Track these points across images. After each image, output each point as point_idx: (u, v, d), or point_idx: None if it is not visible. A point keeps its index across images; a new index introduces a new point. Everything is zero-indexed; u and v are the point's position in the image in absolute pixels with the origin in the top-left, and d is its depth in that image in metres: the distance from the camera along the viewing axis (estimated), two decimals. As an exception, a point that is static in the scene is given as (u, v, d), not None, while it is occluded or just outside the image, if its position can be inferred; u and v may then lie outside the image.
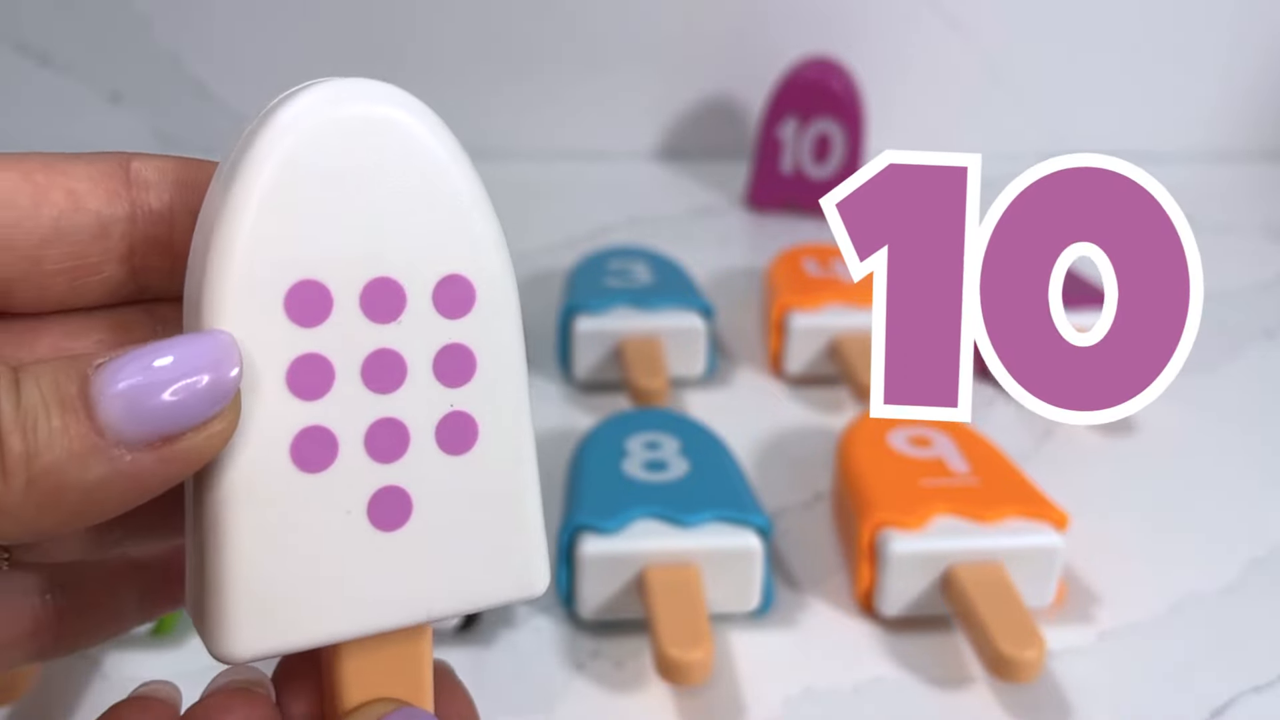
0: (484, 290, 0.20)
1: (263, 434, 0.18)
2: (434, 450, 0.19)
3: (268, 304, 0.17)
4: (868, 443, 0.38)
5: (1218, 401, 0.48)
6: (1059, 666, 0.34)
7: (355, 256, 0.18)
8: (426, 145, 0.18)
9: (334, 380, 0.18)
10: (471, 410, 0.19)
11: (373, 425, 0.18)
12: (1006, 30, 0.73)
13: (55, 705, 0.32)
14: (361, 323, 0.18)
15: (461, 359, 0.19)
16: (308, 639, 0.18)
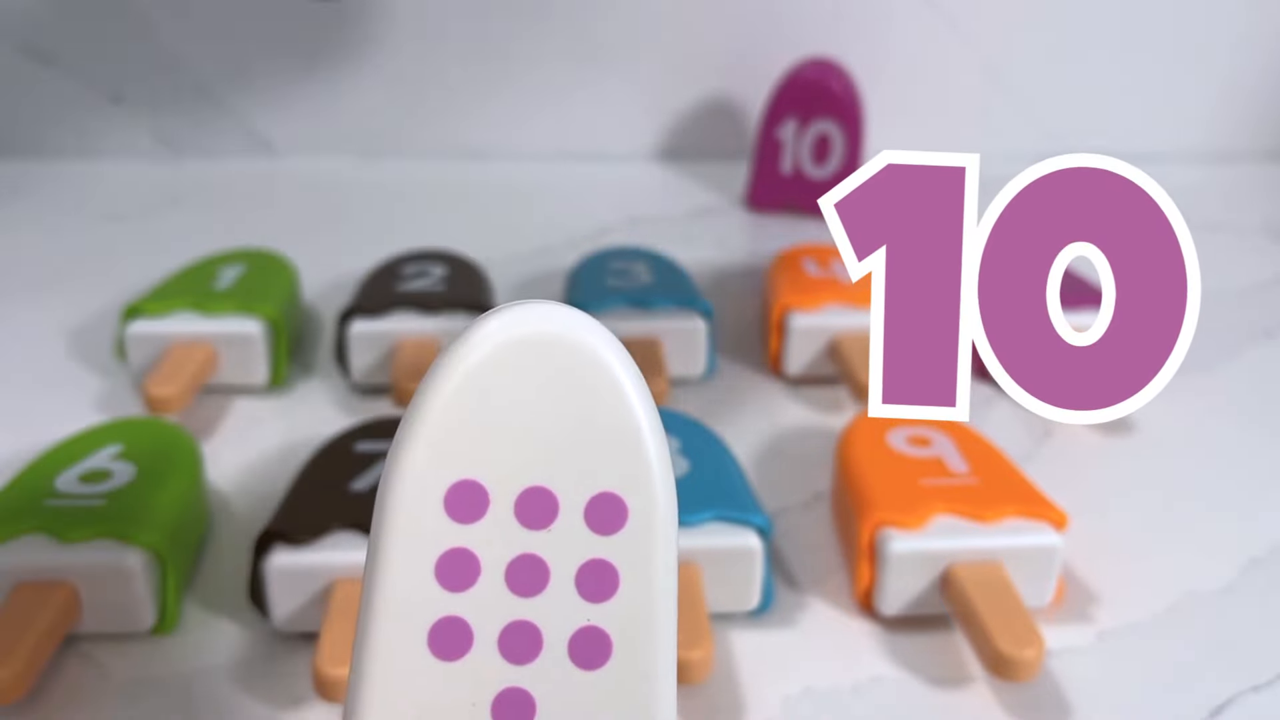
0: (638, 512, 0.20)
1: (407, 614, 0.19)
2: (565, 660, 0.19)
3: (430, 496, 0.19)
4: (867, 442, 0.39)
5: (1217, 401, 0.48)
6: (1058, 666, 0.34)
7: (517, 464, 0.19)
8: (603, 369, 0.20)
9: (479, 576, 0.19)
10: (608, 628, 0.19)
11: (508, 626, 0.19)
12: (1005, 31, 0.73)
13: (54, 705, 0.32)
14: (513, 526, 0.19)
15: (605, 576, 0.20)
16: None
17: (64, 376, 0.49)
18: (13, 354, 0.51)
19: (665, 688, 0.20)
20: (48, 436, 0.40)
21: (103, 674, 0.33)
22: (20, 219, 0.66)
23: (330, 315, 0.53)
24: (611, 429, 0.20)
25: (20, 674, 0.30)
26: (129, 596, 0.33)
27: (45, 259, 0.60)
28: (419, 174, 0.72)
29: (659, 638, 0.20)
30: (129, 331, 0.46)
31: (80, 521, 0.34)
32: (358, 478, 0.36)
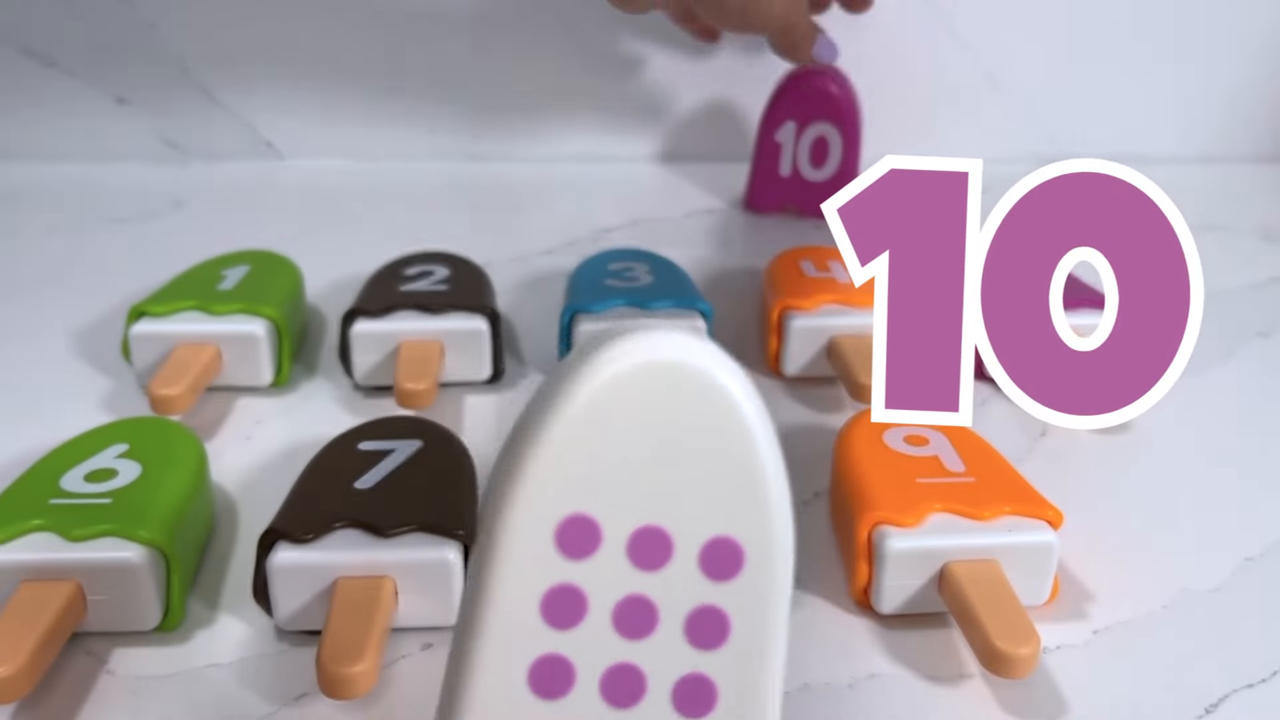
0: (755, 558, 0.19)
1: (509, 648, 0.18)
2: (668, 707, 0.19)
3: (540, 529, 0.18)
4: (865, 442, 0.39)
5: (1212, 401, 0.48)
6: (1054, 663, 0.34)
7: (633, 501, 0.18)
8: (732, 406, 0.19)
9: (585, 615, 0.18)
10: (715, 677, 0.19)
11: (612, 668, 0.19)
12: (1005, 34, 0.73)
13: (60, 703, 0.32)
14: (625, 565, 0.18)
15: (716, 623, 0.19)
16: None
17: (70, 376, 0.49)
18: (19, 354, 0.51)
19: None
20: (54, 435, 0.40)
21: (108, 671, 0.33)
22: (25, 221, 0.66)
23: (333, 316, 0.53)
24: (734, 469, 0.19)
25: (26, 671, 0.30)
26: (134, 594, 0.34)
27: (51, 260, 0.61)
28: (421, 176, 0.72)
29: (767, 691, 0.19)
30: (134, 332, 0.46)
31: (86, 520, 0.34)
32: (361, 477, 0.36)
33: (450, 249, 0.54)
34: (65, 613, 0.32)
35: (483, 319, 0.47)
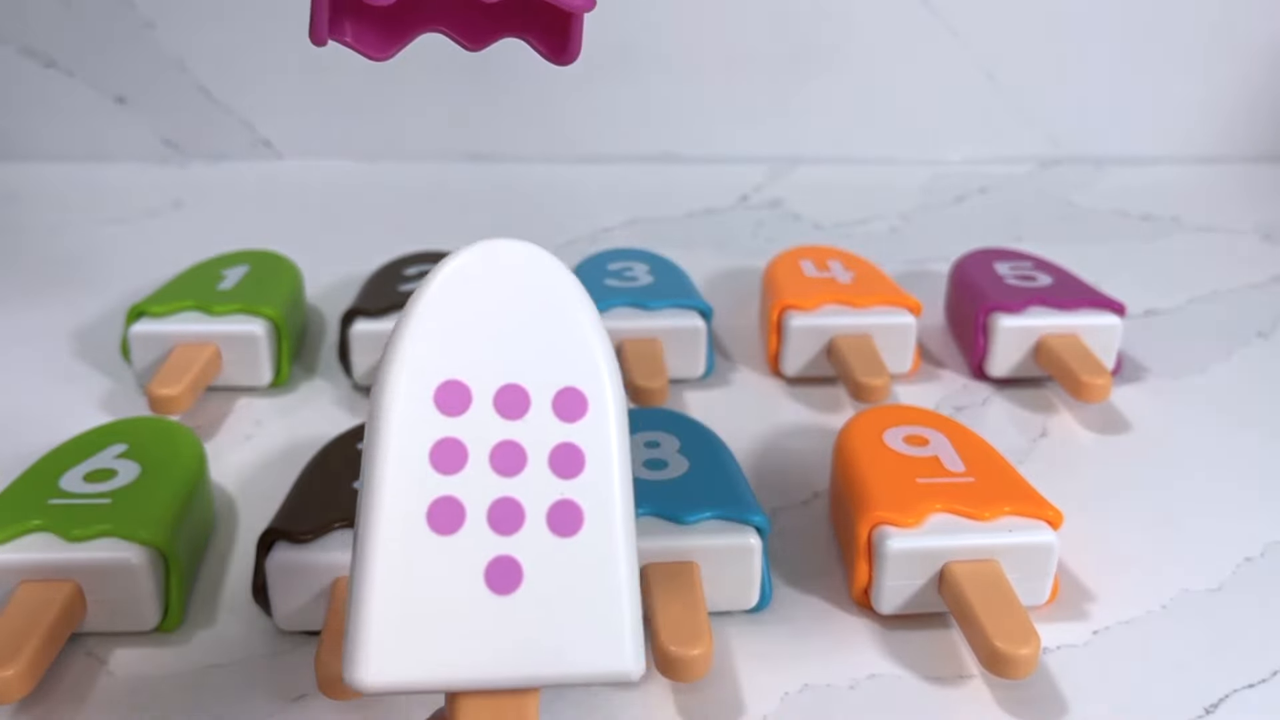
0: (595, 402, 0.23)
1: (407, 498, 0.21)
2: (545, 530, 0.22)
3: (422, 395, 0.22)
4: (865, 441, 0.39)
5: (1211, 401, 0.48)
6: (1054, 663, 0.34)
7: (494, 366, 0.23)
8: (559, 284, 0.23)
9: (467, 461, 0.22)
10: (579, 500, 0.22)
11: (495, 502, 0.22)
12: (1004, 34, 0.73)
13: (60, 703, 0.32)
14: (493, 418, 0.22)
15: (573, 456, 0.23)
16: (427, 681, 0.21)
17: (69, 376, 0.49)
18: (18, 354, 0.51)
19: (628, 550, 0.22)
20: (53, 436, 0.40)
21: (107, 672, 0.33)
22: (25, 221, 0.66)
23: (333, 316, 0.53)
24: (567, 332, 0.23)
25: (25, 672, 0.30)
26: (133, 595, 0.34)
27: (50, 261, 0.61)
28: (421, 176, 0.72)
29: (620, 507, 0.23)
30: (133, 332, 0.46)
31: (85, 520, 0.34)
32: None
33: (450, 249, 0.53)
34: (65, 613, 0.32)
35: (482, 319, 0.47)
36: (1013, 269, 0.51)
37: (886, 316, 0.48)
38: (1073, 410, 0.47)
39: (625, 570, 0.22)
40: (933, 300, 0.54)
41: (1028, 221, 0.67)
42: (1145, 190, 0.71)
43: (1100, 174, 0.74)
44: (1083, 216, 0.68)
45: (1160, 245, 0.64)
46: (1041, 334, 0.47)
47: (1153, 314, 0.56)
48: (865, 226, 0.66)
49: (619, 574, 0.22)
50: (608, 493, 0.22)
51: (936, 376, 0.50)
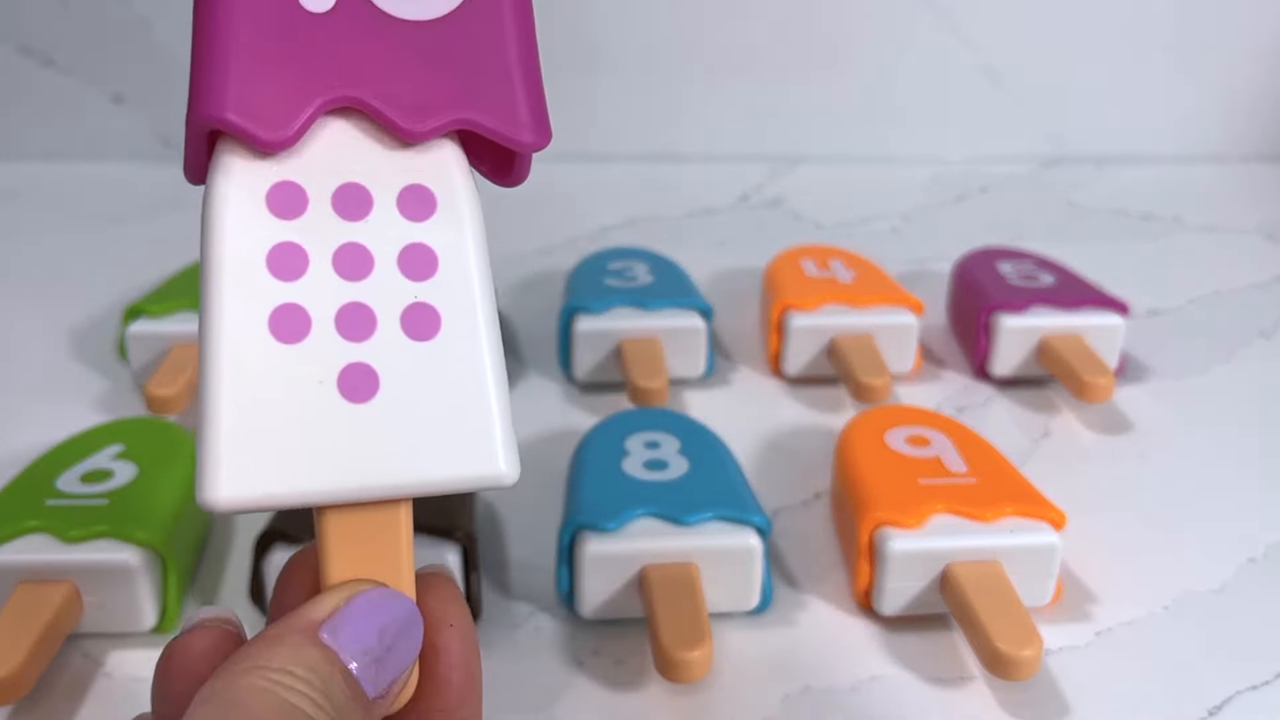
0: (445, 200, 0.22)
1: (246, 307, 0.20)
2: (399, 335, 0.21)
3: (254, 198, 0.21)
4: (866, 442, 0.39)
5: (1214, 402, 0.48)
6: (1056, 664, 0.34)
7: (329, 165, 0.21)
8: None
9: (307, 266, 0.21)
10: (434, 302, 0.21)
11: (342, 307, 0.21)
12: (1004, 33, 0.73)
13: (57, 704, 0.32)
14: (333, 219, 0.21)
15: (424, 257, 0.21)
16: (283, 496, 0.20)
17: (66, 377, 0.49)
18: (15, 354, 0.51)
19: (493, 353, 0.21)
20: (49, 436, 0.40)
21: (104, 673, 0.33)
22: (21, 220, 0.66)
23: (331, 315, 0.53)
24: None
25: (22, 673, 0.30)
26: (130, 595, 0.33)
27: (47, 260, 0.61)
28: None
29: (481, 309, 0.21)
30: (130, 332, 0.46)
31: (82, 521, 0.34)
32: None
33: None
34: (61, 614, 0.32)
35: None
36: (1015, 268, 0.51)
37: (888, 316, 0.48)
38: (1075, 410, 0.47)
39: (491, 373, 0.21)
40: (934, 300, 0.54)
41: (1029, 221, 0.67)
42: (1147, 190, 0.71)
43: (1101, 173, 0.74)
44: (1084, 216, 0.68)
45: (1162, 245, 0.64)
46: (1044, 334, 0.47)
47: (1155, 314, 0.55)
48: (866, 226, 0.66)
49: (484, 377, 0.21)
50: (465, 294, 0.21)
51: (938, 376, 0.50)
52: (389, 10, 0.21)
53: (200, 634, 0.21)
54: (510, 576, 0.37)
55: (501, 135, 0.21)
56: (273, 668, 0.19)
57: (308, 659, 0.19)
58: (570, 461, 0.39)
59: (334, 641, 0.20)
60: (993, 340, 0.48)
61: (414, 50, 0.21)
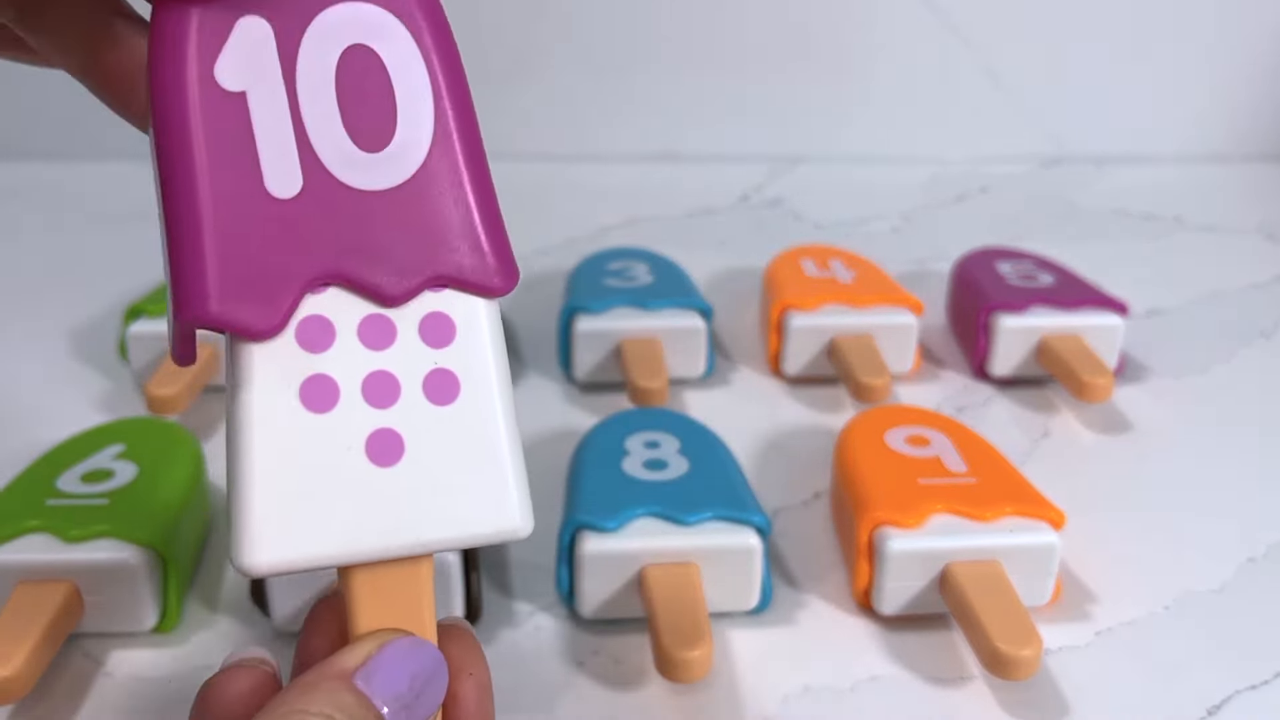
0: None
1: (277, 379, 0.21)
2: (422, 400, 0.22)
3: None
4: (866, 442, 0.39)
5: (1214, 402, 0.48)
6: (1056, 664, 0.34)
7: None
8: None
9: (335, 338, 0.21)
10: (453, 368, 0.22)
11: (368, 376, 0.22)
12: (1005, 32, 0.73)
13: (57, 704, 0.32)
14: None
15: (444, 326, 0.22)
16: (315, 558, 0.21)
17: (66, 377, 0.49)
18: (16, 354, 0.51)
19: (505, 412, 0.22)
20: (50, 436, 0.40)
21: (105, 672, 0.33)
22: (22, 221, 0.66)
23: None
24: None
25: (23, 673, 0.30)
26: (131, 595, 0.33)
27: (47, 260, 0.61)
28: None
29: (495, 371, 0.22)
30: (131, 332, 0.46)
31: (82, 521, 0.34)
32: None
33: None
34: (62, 614, 0.32)
35: (482, 318, 0.47)
36: (1015, 268, 0.51)
37: (888, 316, 0.48)
38: (1075, 410, 0.47)
39: (505, 432, 0.22)
40: (934, 300, 0.54)
41: (1029, 221, 0.67)
42: (1147, 190, 0.71)
43: (1102, 173, 0.74)
44: (1084, 216, 0.68)
45: (1162, 245, 0.64)
46: (1043, 334, 0.47)
47: (1155, 314, 0.55)
48: (866, 226, 0.66)
49: (499, 436, 0.22)
50: (481, 358, 0.22)
51: (938, 376, 0.50)
52: (355, 185, 0.21)
53: (237, 674, 0.22)
54: (510, 576, 0.37)
55: (474, 285, 0.22)
56: (311, 712, 0.20)
57: (344, 704, 0.20)
58: (570, 461, 0.39)
59: (368, 688, 0.21)
60: (992, 340, 0.48)
61: (384, 218, 0.22)
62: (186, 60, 0.21)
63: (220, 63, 0.21)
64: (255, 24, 0.21)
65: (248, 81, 0.21)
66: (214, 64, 0.21)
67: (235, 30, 0.21)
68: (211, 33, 0.21)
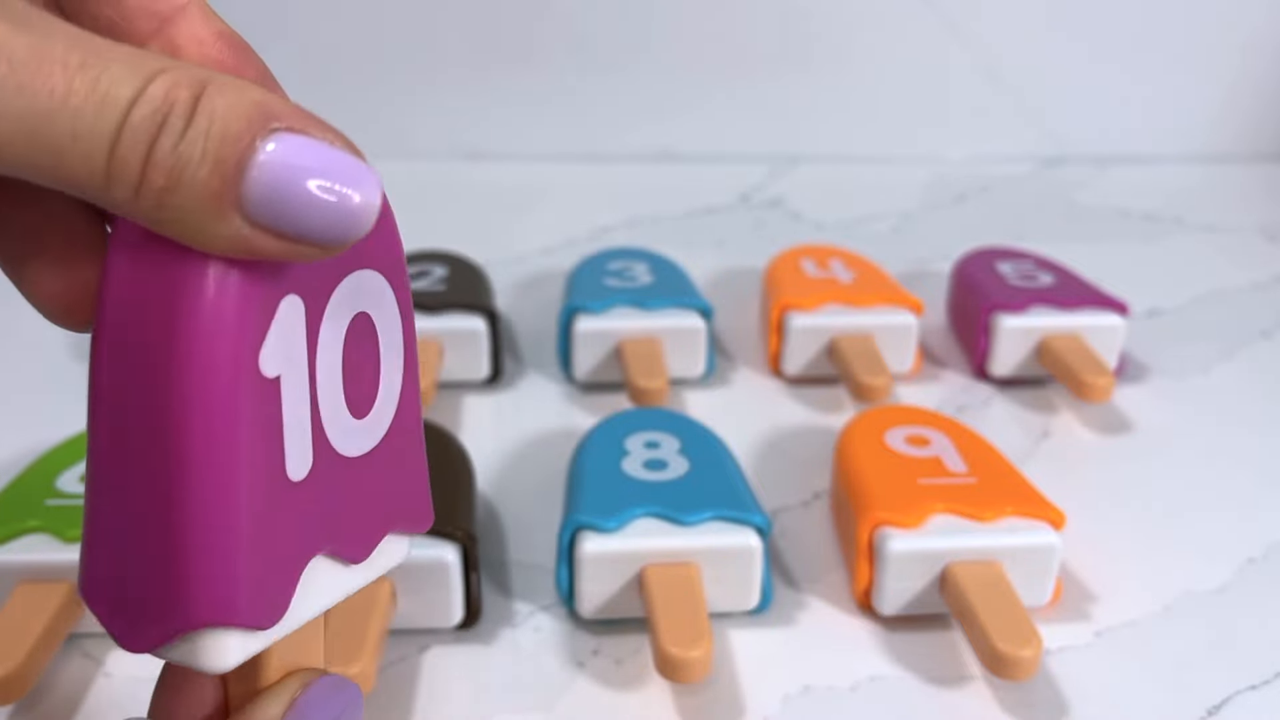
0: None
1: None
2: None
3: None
4: (866, 442, 0.39)
5: (1214, 402, 0.48)
6: (1056, 664, 0.34)
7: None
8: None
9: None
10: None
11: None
12: (1005, 32, 0.73)
13: (57, 704, 0.32)
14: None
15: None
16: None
17: (66, 376, 0.49)
18: (15, 354, 0.51)
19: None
20: (49, 436, 0.40)
21: (104, 673, 0.33)
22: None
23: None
24: None
25: (22, 673, 0.30)
26: (131, 595, 0.33)
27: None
28: (419, 174, 0.72)
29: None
30: (131, 332, 0.46)
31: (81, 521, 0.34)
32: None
33: (449, 248, 0.53)
34: (61, 614, 0.32)
35: (481, 319, 0.47)
36: (1015, 268, 0.51)
37: (888, 316, 0.48)
38: (1075, 410, 0.47)
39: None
40: (934, 300, 0.54)
41: (1029, 221, 0.67)
42: (1147, 190, 0.71)
43: (1102, 173, 0.74)
44: (1085, 216, 0.68)
45: (1162, 245, 0.64)
46: (1044, 334, 0.47)
47: (1155, 314, 0.55)
48: (866, 226, 0.66)
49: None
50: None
51: (938, 376, 0.50)
52: (347, 454, 0.20)
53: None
54: (510, 576, 0.37)
55: (410, 533, 0.23)
56: None
57: None
58: (570, 461, 0.39)
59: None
60: (992, 340, 0.48)
61: (361, 482, 0.21)
62: (227, 348, 0.17)
63: (266, 350, 0.18)
64: (294, 304, 0.19)
65: (282, 366, 0.18)
66: (259, 349, 0.18)
67: (280, 310, 0.18)
68: (258, 318, 0.18)
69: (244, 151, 0.16)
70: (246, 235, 0.16)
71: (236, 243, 0.16)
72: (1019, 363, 0.48)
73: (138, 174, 0.16)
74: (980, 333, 0.48)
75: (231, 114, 0.16)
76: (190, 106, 0.16)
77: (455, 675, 0.33)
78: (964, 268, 0.52)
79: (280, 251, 0.17)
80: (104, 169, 0.16)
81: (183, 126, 0.16)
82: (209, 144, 0.16)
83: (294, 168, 0.16)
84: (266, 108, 0.16)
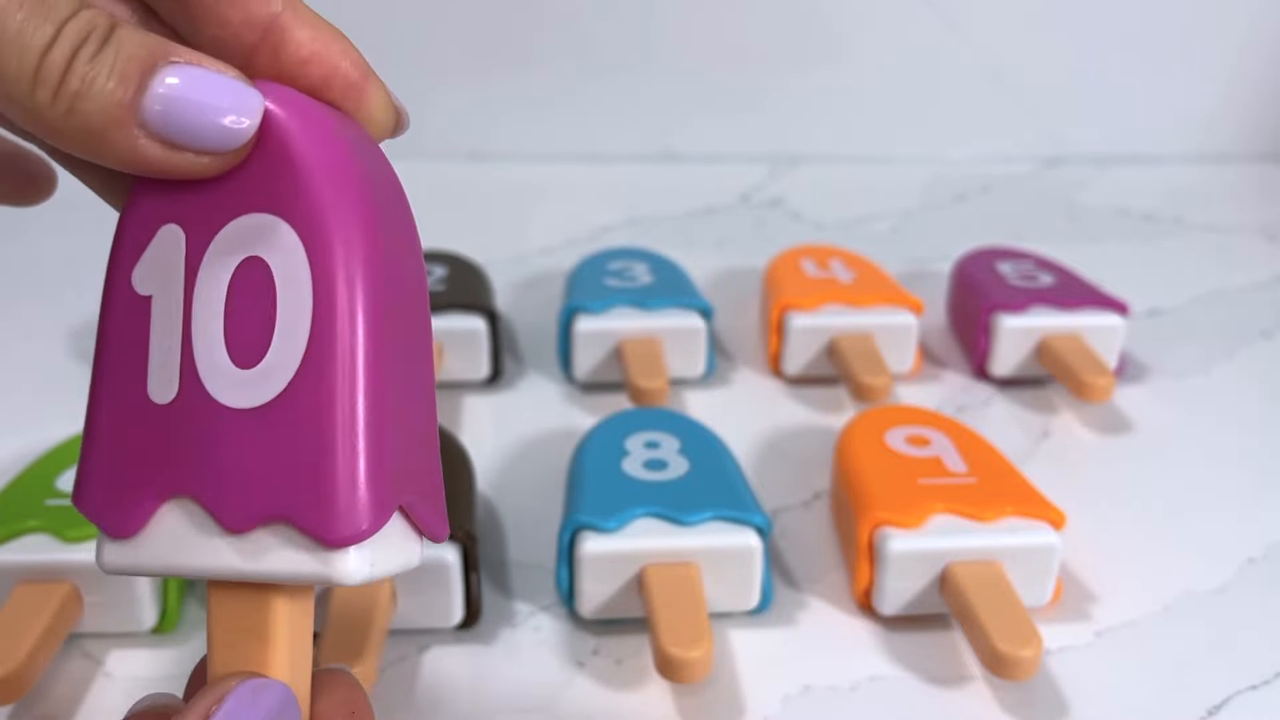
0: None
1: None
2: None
3: None
4: (866, 442, 0.39)
5: (1214, 402, 0.48)
6: (1056, 664, 0.34)
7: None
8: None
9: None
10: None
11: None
12: (1005, 31, 0.73)
13: (57, 703, 0.32)
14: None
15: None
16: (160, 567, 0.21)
17: (66, 376, 0.49)
18: (15, 354, 0.51)
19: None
20: (50, 436, 0.40)
21: (104, 673, 0.33)
22: (22, 219, 0.66)
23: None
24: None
25: (22, 673, 0.30)
26: (130, 595, 0.33)
27: (47, 259, 0.61)
28: (419, 174, 0.72)
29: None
30: (130, 332, 0.46)
31: (81, 521, 0.34)
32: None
33: (449, 248, 0.53)
34: (61, 614, 0.32)
35: (481, 318, 0.47)
36: (1015, 268, 0.51)
37: (888, 316, 0.48)
38: (1075, 410, 0.47)
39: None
40: (934, 300, 0.54)
41: (1030, 221, 0.67)
42: (1147, 189, 0.71)
43: (1102, 173, 0.74)
44: (1085, 216, 0.68)
45: (1163, 245, 0.64)
46: (1044, 334, 0.47)
47: (1155, 314, 0.55)
48: (866, 226, 0.66)
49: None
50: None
51: (938, 376, 0.50)
52: (222, 400, 0.20)
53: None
54: (510, 576, 0.37)
55: (313, 533, 0.19)
56: None
57: None
58: (570, 461, 0.39)
59: None
60: (992, 340, 0.48)
61: (242, 440, 0.20)
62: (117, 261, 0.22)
63: (138, 268, 0.21)
64: (173, 231, 0.21)
65: (155, 287, 0.21)
66: (133, 267, 0.21)
67: (160, 234, 0.21)
68: (137, 236, 0.21)
69: (146, 71, 0.19)
70: (140, 145, 0.19)
71: (130, 153, 0.19)
72: (1019, 363, 0.48)
73: (59, 77, 0.19)
74: (980, 333, 0.48)
75: (137, 42, 0.19)
76: (107, 32, 0.19)
77: (455, 675, 0.33)
78: (964, 268, 0.52)
79: (165, 161, 0.20)
80: (34, 69, 0.19)
81: (97, 47, 0.19)
82: (118, 62, 0.19)
83: (186, 85, 0.19)
84: (167, 44, 0.20)
